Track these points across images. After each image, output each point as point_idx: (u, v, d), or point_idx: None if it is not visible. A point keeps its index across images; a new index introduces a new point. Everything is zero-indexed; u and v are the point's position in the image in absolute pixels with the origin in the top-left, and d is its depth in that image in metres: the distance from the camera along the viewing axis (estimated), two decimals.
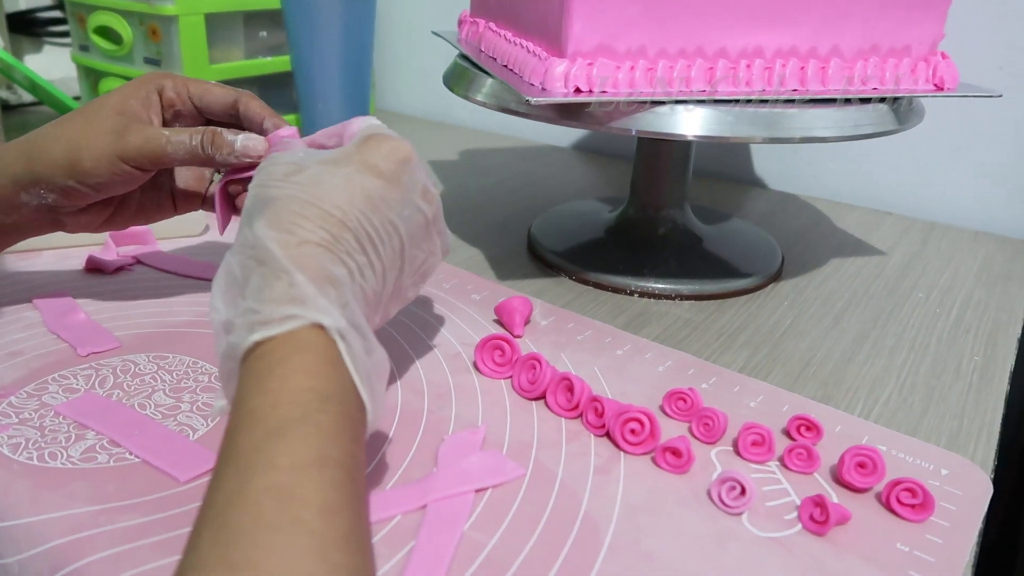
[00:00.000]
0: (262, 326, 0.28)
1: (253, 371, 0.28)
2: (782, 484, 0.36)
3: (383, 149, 0.35)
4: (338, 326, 0.29)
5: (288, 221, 0.31)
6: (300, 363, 0.27)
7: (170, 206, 0.46)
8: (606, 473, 0.36)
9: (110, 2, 0.81)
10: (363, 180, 0.34)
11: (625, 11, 0.43)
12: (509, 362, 0.43)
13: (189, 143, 0.40)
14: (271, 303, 0.29)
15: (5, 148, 0.41)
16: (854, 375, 0.46)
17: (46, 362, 0.43)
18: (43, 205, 0.41)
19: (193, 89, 0.43)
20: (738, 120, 0.44)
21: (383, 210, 0.34)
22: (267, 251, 0.30)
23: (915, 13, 0.48)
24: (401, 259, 0.36)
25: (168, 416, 0.39)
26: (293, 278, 0.29)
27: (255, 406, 0.26)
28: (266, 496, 0.23)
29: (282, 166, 0.34)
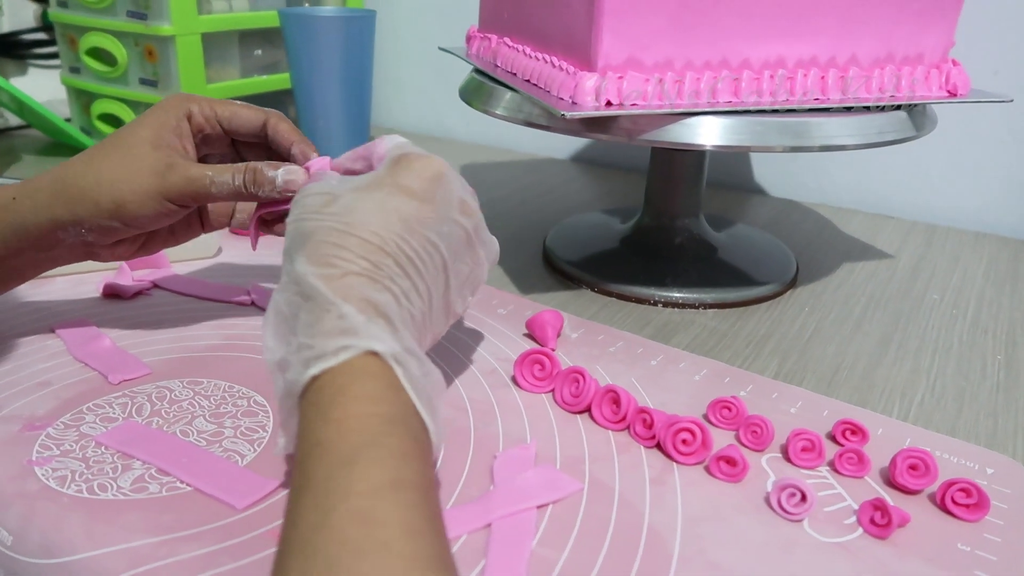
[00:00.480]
0: (317, 360, 0.28)
1: (314, 403, 0.28)
2: (836, 489, 0.37)
3: (414, 168, 0.35)
4: (392, 351, 0.29)
5: (327, 254, 0.31)
6: (361, 390, 0.28)
7: (199, 226, 0.46)
8: (662, 484, 0.36)
9: (104, 23, 0.80)
10: (397, 203, 0.34)
11: (653, 24, 0.43)
12: (549, 376, 0.43)
13: (232, 183, 0.40)
14: (323, 337, 0.29)
15: (38, 186, 0.40)
16: (884, 378, 0.47)
17: (78, 391, 0.42)
18: (80, 242, 0.41)
19: (221, 112, 0.43)
20: (767, 130, 0.44)
21: (420, 230, 0.34)
22: (311, 287, 0.30)
23: (927, 20, 0.49)
24: (445, 276, 0.36)
25: (213, 442, 0.38)
26: (341, 310, 0.29)
27: (322, 437, 0.26)
28: (349, 522, 0.23)
29: (316, 197, 0.34)
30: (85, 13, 0.82)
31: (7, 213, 0.40)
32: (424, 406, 0.29)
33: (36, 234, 0.40)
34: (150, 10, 0.77)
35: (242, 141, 0.44)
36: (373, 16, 0.78)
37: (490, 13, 0.59)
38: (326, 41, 0.76)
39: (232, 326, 0.49)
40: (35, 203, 0.39)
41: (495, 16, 0.58)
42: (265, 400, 0.42)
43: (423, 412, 0.29)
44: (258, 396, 0.42)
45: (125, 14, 0.79)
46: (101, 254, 0.42)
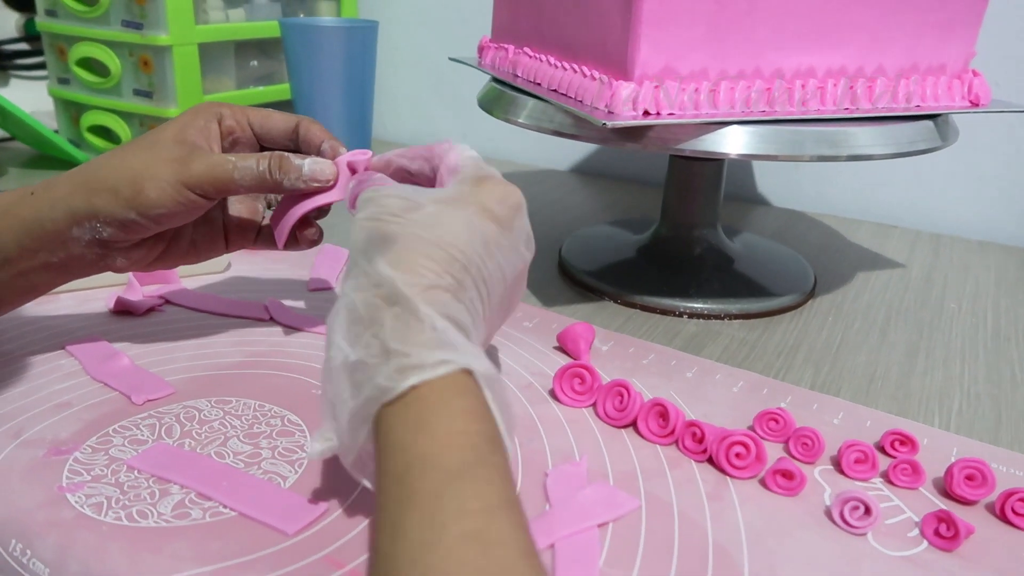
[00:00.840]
0: (415, 370, 0.27)
1: (410, 414, 0.26)
2: (893, 500, 0.36)
3: (498, 194, 0.34)
4: (487, 372, 0.28)
5: (414, 263, 0.30)
6: (461, 406, 0.27)
7: (222, 242, 0.44)
8: (719, 500, 0.36)
9: (96, 33, 0.78)
10: (482, 224, 0.33)
11: (690, 33, 0.43)
12: (590, 390, 0.42)
13: (256, 168, 0.39)
14: (420, 347, 0.28)
15: (58, 180, 0.39)
16: (919, 388, 0.47)
17: (101, 413, 0.40)
18: (95, 240, 0.38)
19: (252, 116, 0.42)
20: (803, 139, 0.44)
21: (497, 256, 0.33)
22: (398, 292, 0.29)
23: (950, 31, 0.50)
24: (502, 306, 0.35)
25: (251, 464, 0.36)
26: (435, 323, 0.28)
27: (427, 450, 0.25)
28: (466, 543, 0.22)
29: (396, 199, 0.33)
30: (76, 23, 0.79)
31: (24, 208, 0.38)
32: (507, 429, 0.28)
33: (51, 230, 0.38)
34: (146, 19, 0.75)
35: (270, 148, 0.43)
36: (375, 26, 0.77)
37: (506, 23, 0.59)
38: (328, 51, 0.75)
39: (254, 343, 0.48)
40: (52, 196, 0.38)
41: (512, 26, 0.57)
42: (300, 419, 0.40)
43: (505, 436, 0.28)
44: (292, 415, 0.40)
45: (119, 24, 0.77)
46: (116, 260, 0.40)
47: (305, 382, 0.44)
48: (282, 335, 0.49)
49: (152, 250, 0.41)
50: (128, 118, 0.81)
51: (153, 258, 0.42)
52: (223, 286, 0.56)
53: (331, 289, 0.56)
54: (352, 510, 0.34)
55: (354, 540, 0.32)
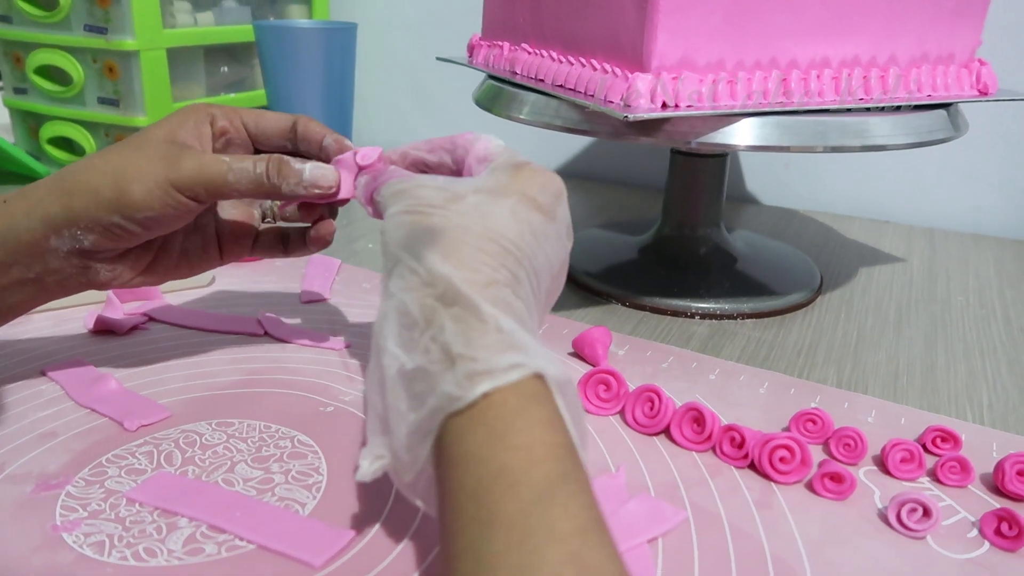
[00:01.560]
0: (486, 376, 0.24)
1: (485, 423, 0.24)
2: (945, 500, 0.35)
3: (539, 181, 0.32)
4: (559, 377, 0.25)
5: (469, 257, 0.27)
6: (539, 415, 0.24)
7: (215, 253, 0.41)
8: (768, 508, 0.34)
9: (56, 39, 0.74)
10: (528, 214, 0.30)
11: (707, 23, 0.41)
12: (616, 396, 0.40)
13: (253, 171, 0.35)
14: (487, 350, 0.25)
15: (34, 186, 0.35)
16: (945, 382, 0.45)
17: (91, 441, 0.37)
18: (76, 250, 0.35)
19: (246, 116, 0.39)
20: (826, 130, 0.43)
21: (545, 247, 0.31)
22: (456, 290, 0.26)
23: (958, 19, 0.49)
24: (548, 299, 0.33)
25: (264, 491, 0.33)
26: (499, 323, 0.26)
27: (506, 463, 0.23)
28: (564, 567, 0.20)
29: (435, 191, 0.30)
30: (33, 28, 0.75)
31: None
32: (581, 438, 0.26)
33: (27, 240, 0.34)
34: (110, 24, 0.71)
35: (266, 150, 0.40)
36: (354, 28, 0.75)
37: (499, 20, 0.57)
38: (306, 55, 0.72)
39: (249, 359, 0.45)
40: (28, 203, 0.34)
41: (507, 23, 0.55)
42: (311, 440, 0.37)
43: (577, 445, 0.25)
44: (302, 435, 0.38)
45: (82, 28, 0.73)
46: (99, 272, 0.36)
47: (311, 399, 0.41)
48: (280, 350, 0.46)
49: (138, 262, 0.38)
50: (93, 128, 0.77)
51: (139, 271, 0.38)
52: (210, 301, 0.52)
53: (325, 301, 0.53)
54: (382, 536, 0.31)
55: (389, 569, 0.29)
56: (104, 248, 0.35)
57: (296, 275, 0.57)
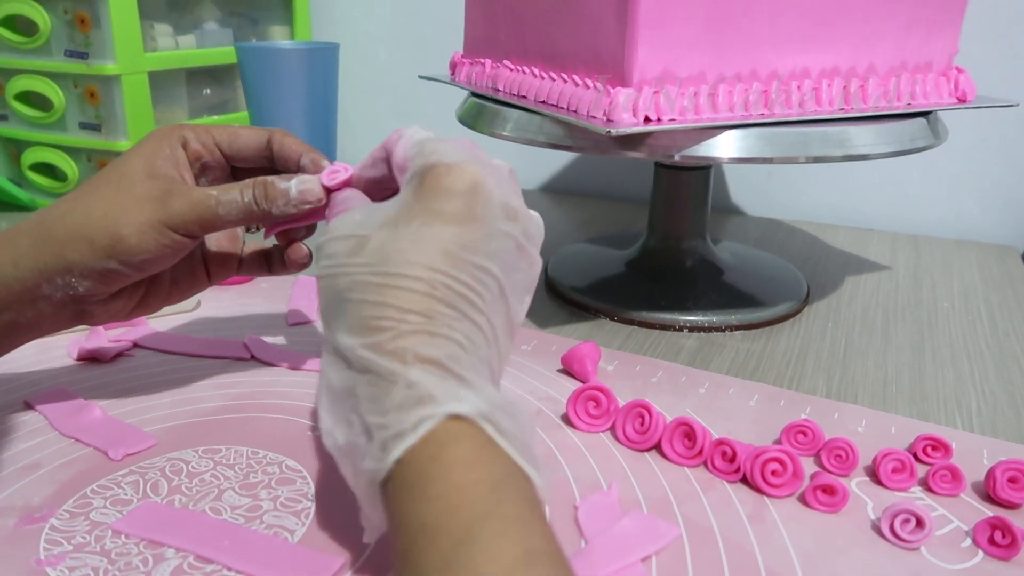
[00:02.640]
0: (396, 440, 0.25)
1: (405, 483, 0.24)
2: (938, 510, 0.35)
3: (444, 185, 0.29)
4: (477, 410, 0.25)
5: (370, 317, 0.27)
6: (454, 456, 0.24)
7: (203, 276, 0.40)
8: (761, 521, 0.34)
9: (36, 64, 0.74)
10: (434, 234, 0.28)
11: (687, 35, 0.42)
12: (606, 412, 0.40)
13: (241, 200, 0.35)
14: (396, 412, 0.25)
15: (16, 234, 0.34)
16: (934, 389, 0.45)
17: (75, 472, 0.36)
18: (69, 296, 0.34)
19: (219, 136, 0.38)
20: (808, 141, 0.43)
21: (468, 259, 0.28)
22: (363, 360, 0.26)
23: (935, 27, 0.49)
24: (503, 297, 0.30)
25: (252, 518, 0.33)
26: (408, 378, 0.26)
27: (426, 519, 0.23)
28: None
29: (341, 242, 0.30)
30: (13, 55, 0.75)
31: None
32: (526, 459, 0.25)
33: (18, 290, 0.33)
34: (91, 48, 0.71)
35: (243, 168, 0.40)
36: (336, 48, 0.75)
37: (481, 37, 0.57)
38: (288, 76, 0.72)
39: (236, 384, 0.44)
40: (16, 252, 0.33)
41: (488, 40, 0.55)
42: (299, 464, 0.37)
43: (526, 466, 0.25)
44: (289, 460, 0.37)
45: (62, 54, 0.72)
46: (94, 313, 0.36)
47: (299, 423, 0.40)
48: (267, 374, 0.45)
49: (131, 298, 0.37)
50: (74, 153, 0.76)
51: (132, 306, 0.38)
52: (196, 325, 0.52)
53: (311, 323, 0.53)
54: (372, 562, 0.31)
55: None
56: (98, 292, 0.35)
57: (282, 297, 0.57)
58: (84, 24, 0.70)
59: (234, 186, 0.35)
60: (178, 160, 0.37)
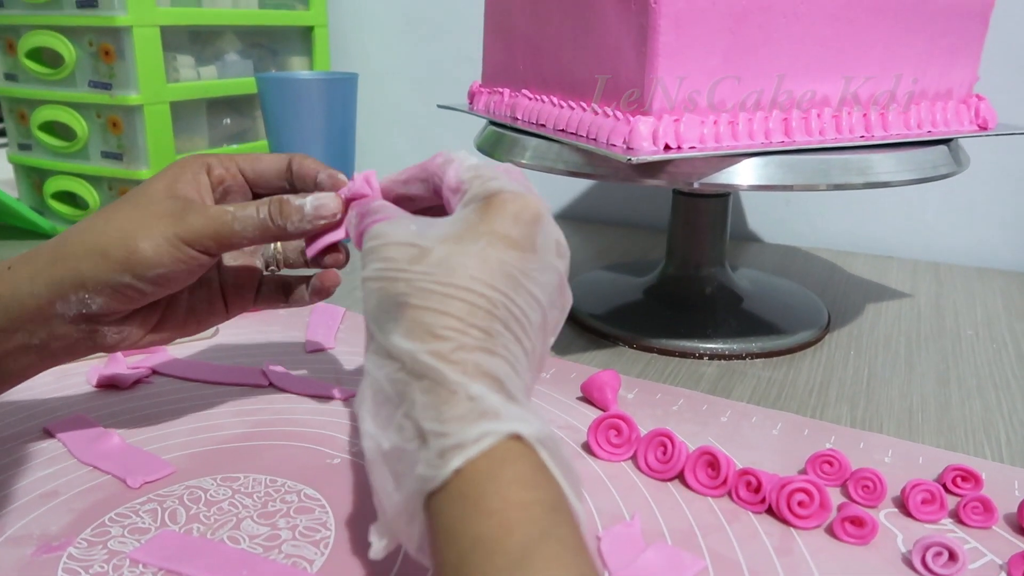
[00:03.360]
0: (457, 450, 0.24)
1: (460, 495, 0.24)
2: (970, 543, 0.34)
3: (510, 211, 0.30)
4: (538, 434, 0.25)
5: (433, 324, 0.27)
6: (512, 475, 0.24)
7: (221, 307, 0.40)
8: (788, 554, 0.33)
9: (61, 96, 0.75)
10: (499, 255, 0.29)
11: (707, 63, 0.42)
12: (627, 441, 0.40)
13: (257, 216, 0.35)
14: (457, 423, 0.25)
15: (37, 251, 0.35)
16: (961, 419, 0.45)
17: (93, 500, 0.36)
18: (83, 315, 0.34)
19: (242, 162, 0.39)
20: (829, 168, 0.43)
21: (525, 285, 0.29)
22: (422, 364, 0.26)
23: (955, 55, 0.49)
24: (544, 331, 0.31)
25: (271, 548, 0.33)
26: (470, 390, 0.25)
27: (482, 532, 0.22)
28: None
29: (399, 248, 0.29)
30: (38, 86, 0.76)
31: (0, 284, 0.34)
32: (573, 490, 0.25)
33: (32, 307, 0.33)
34: (114, 79, 0.72)
35: (265, 192, 0.39)
36: (355, 79, 0.76)
37: (499, 67, 0.57)
38: (308, 106, 0.73)
39: (255, 411, 0.44)
40: (33, 268, 0.34)
41: (506, 70, 0.56)
42: (318, 493, 0.36)
43: (571, 496, 0.25)
44: (308, 489, 0.37)
45: (86, 85, 0.73)
46: (107, 337, 0.36)
47: (318, 451, 0.40)
48: (285, 402, 0.45)
49: (145, 322, 0.37)
50: (96, 182, 0.77)
51: (147, 331, 0.37)
52: (214, 352, 0.52)
53: (330, 349, 0.53)
54: None
55: None
56: (112, 311, 0.35)
57: (300, 324, 0.57)
58: (108, 56, 0.72)
59: (251, 204, 0.35)
60: (200, 184, 0.37)
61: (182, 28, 0.77)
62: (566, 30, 0.47)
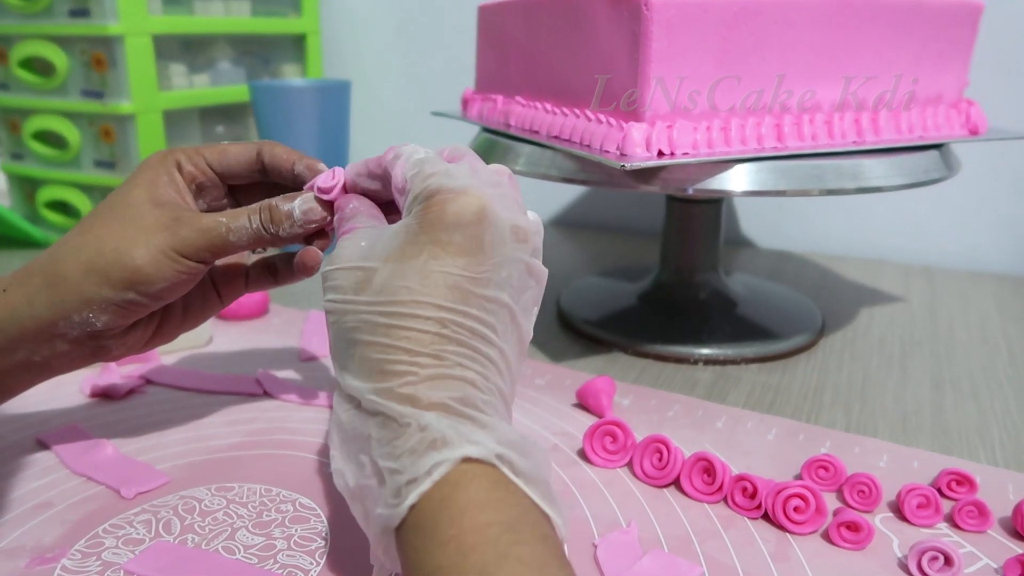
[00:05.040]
0: (411, 486, 0.24)
1: (417, 527, 0.24)
2: (966, 547, 0.34)
3: (450, 213, 0.28)
4: (491, 451, 0.25)
5: (380, 360, 0.27)
6: (467, 498, 0.24)
7: (215, 298, 0.40)
8: (785, 560, 0.33)
9: (53, 104, 0.75)
10: (442, 268, 0.28)
11: (700, 69, 0.42)
12: (623, 448, 0.40)
13: (250, 227, 0.35)
14: (409, 456, 0.25)
15: (29, 272, 0.34)
16: (955, 422, 0.45)
17: (87, 511, 0.36)
18: (87, 333, 0.34)
19: (209, 156, 0.38)
20: (822, 173, 0.43)
21: (479, 292, 0.28)
22: (374, 404, 0.27)
23: (945, 60, 0.50)
24: (515, 323, 0.30)
25: (266, 558, 0.32)
26: (420, 421, 0.25)
27: (440, 562, 0.23)
28: None
29: (347, 273, 0.29)
30: (30, 95, 0.76)
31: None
32: (542, 496, 0.25)
33: (32, 328, 0.33)
34: (107, 88, 0.72)
35: (239, 185, 0.39)
36: (348, 86, 0.76)
37: (492, 74, 0.57)
38: (301, 113, 0.73)
39: (249, 420, 0.44)
40: (29, 290, 0.33)
41: (500, 76, 0.56)
42: (313, 502, 0.36)
43: (542, 504, 0.25)
44: (303, 498, 0.37)
45: (78, 93, 0.73)
46: (110, 348, 0.36)
47: (312, 460, 0.40)
48: (279, 410, 0.45)
49: (147, 329, 0.37)
50: (89, 191, 0.77)
51: (148, 337, 0.37)
52: (207, 361, 0.52)
53: (323, 358, 0.52)
54: None
55: None
56: (115, 326, 0.34)
57: (295, 332, 0.56)
58: (100, 64, 0.71)
59: (242, 212, 0.35)
60: (178, 185, 0.36)
61: (174, 36, 0.77)
62: (559, 37, 0.48)
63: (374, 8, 0.96)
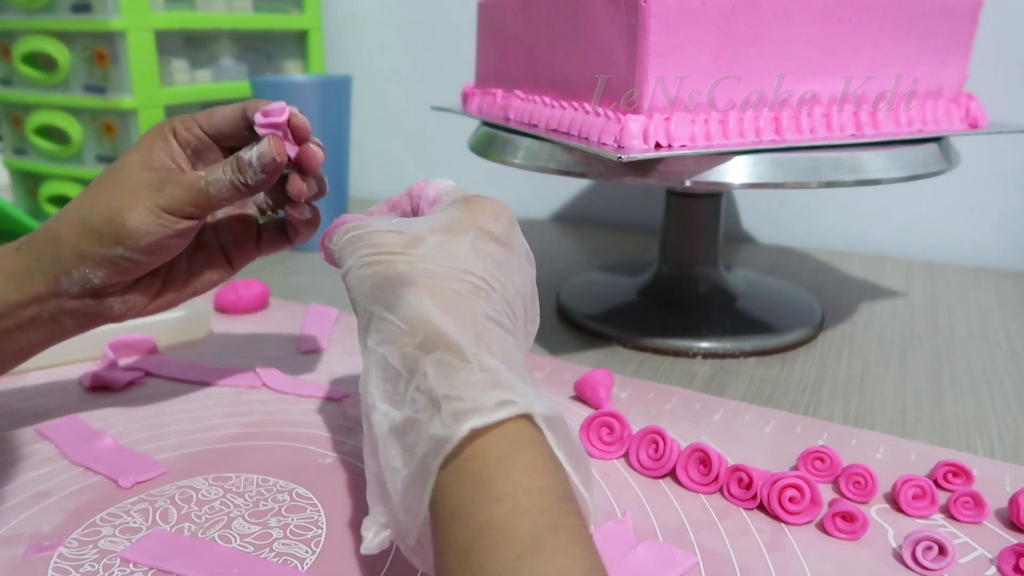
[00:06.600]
0: (473, 414, 0.23)
1: (470, 475, 0.23)
2: (961, 537, 0.34)
3: (491, 212, 0.32)
4: (547, 414, 0.25)
5: (444, 300, 0.27)
6: (526, 460, 0.23)
7: (223, 262, 0.41)
8: (780, 550, 0.33)
9: (56, 100, 0.75)
10: (488, 247, 0.31)
11: (697, 62, 0.42)
12: (619, 439, 0.40)
13: (225, 178, 0.36)
14: (473, 388, 0.24)
15: (36, 233, 0.36)
16: (953, 416, 0.45)
17: (85, 500, 0.36)
18: (87, 290, 0.36)
19: (201, 120, 0.38)
20: (820, 166, 0.43)
21: (512, 277, 0.31)
22: (437, 334, 0.26)
23: (945, 54, 0.49)
24: (526, 328, 0.33)
25: (262, 547, 0.33)
26: (483, 362, 0.25)
27: (492, 517, 0.22)
28: None
29: (391, 235, 0.30)
30: (34, 90, 0.76)
31: (8, 262, 0.35)
32: (581, 477, 0.25)
33: (41, 283, 0.35)
34: (109, 83, 0.72)
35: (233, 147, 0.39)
36: (349, 81, 0.76)
37: (492, 68, 0.57)
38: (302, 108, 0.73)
39: (248, 412, 0.44)
40: (36, 249, 0.36)
41: (500, 71, 0.56)
42: (310, 492, 0.36)
43: (578, 485, 0.25)
44: (300, 488, 0.37)
45: (81, 89, 0.74)
46: (113, 307, 0.37)
47: (309, 451, 0.40)
48: (278, 402, 0.45)
49: (148, 289, 0.38)
50: None
51: (151, 298, 0.39)
52: (207, 353, 0.52)
53: (323, 350, 0.53)
54: None
55: None
56: (113, 283, 0.36)
57: (294, 325, 0.57)
58: (103, 60, 0.72)
59: (218, 166, 0.36)
60: (173, 151, 0.37)
61: (176, 32, 0.77)
62: (558, 31, 0.48)
63: (375, 4, 0.96)
